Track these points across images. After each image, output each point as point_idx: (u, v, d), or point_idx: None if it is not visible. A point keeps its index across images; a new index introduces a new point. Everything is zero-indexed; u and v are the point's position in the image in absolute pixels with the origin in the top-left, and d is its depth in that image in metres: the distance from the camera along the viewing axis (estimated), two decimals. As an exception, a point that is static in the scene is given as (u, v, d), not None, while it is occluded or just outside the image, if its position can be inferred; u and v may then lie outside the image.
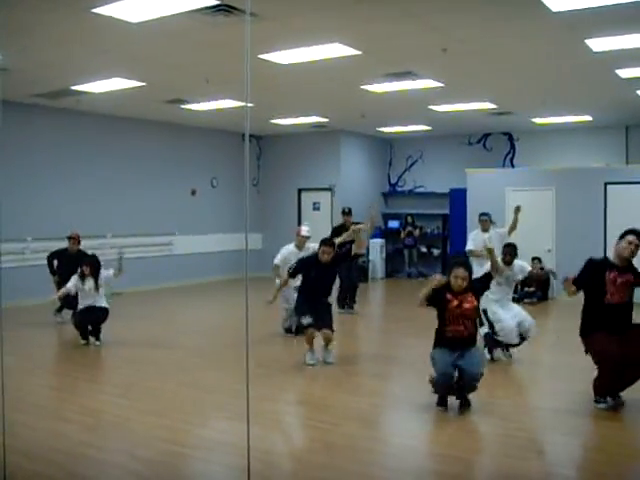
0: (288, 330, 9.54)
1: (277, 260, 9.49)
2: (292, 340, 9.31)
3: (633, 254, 5.89)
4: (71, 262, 9.85)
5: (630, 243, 5.88)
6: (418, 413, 6.17)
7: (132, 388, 6.96)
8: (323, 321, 7.84)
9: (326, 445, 5.40)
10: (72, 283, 9.12)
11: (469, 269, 6.17)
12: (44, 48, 8.30)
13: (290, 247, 9.59)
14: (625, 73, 9.54)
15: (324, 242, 8.00)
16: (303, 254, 9.13)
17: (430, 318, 8.17)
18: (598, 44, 7.94)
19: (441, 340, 6.13)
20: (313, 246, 9.21)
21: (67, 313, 10.48)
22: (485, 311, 7.84)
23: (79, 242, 10.60)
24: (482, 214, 10.86)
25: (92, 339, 9.06)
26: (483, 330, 7.80)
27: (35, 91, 11.13)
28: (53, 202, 11.80)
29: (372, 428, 5.89)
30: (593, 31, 7.47)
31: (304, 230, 9.70)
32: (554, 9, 6.54)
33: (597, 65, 9.06)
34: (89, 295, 9.09)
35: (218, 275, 16.14)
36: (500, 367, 7.74)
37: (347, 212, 11.85)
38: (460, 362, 5.97)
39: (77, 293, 9.20)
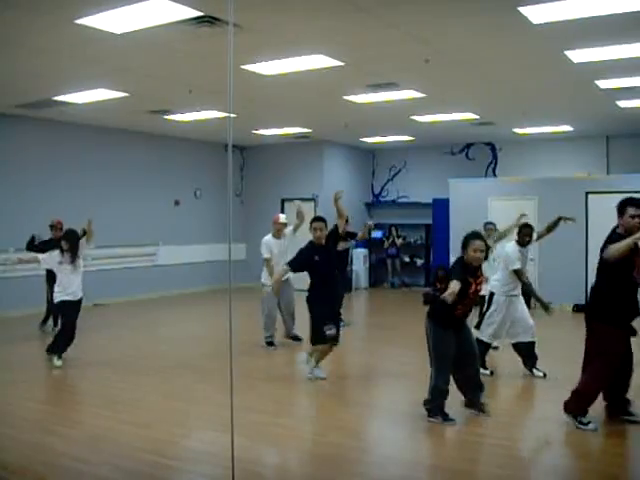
0: (270, 344, 9.53)
1: (264, 253, 9.53)
2: (275, 351, 9.34)
3: None
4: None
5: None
6: (403, 423, 6.18)
7: (115, 399, 6.92)
8: (337, 329, 7.57)
9: (311, 456, 5.41)
10: (47, 254, 8.49)
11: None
12: (27, 59, 8.26)
13: (268, 237, 9.63)
14: (605, 84, 9.64)
15: (313, 219, 7.78)
16: (282, 242, 9.49)
17: (413, 327, 8.14)
18: (578, 55, 8.02)
19: (447, 320, 6.00)
20: (289, 230, 9.61)
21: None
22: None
23: (61, 229, 10.38)
24: (487, 223, 10.24)
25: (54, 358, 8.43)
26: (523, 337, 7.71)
27: (18, 102, 11.09)
28: (36, 212, 11.71)
29: (357, 439, 5.89)
30: (573, 42, 7.55)
31: (282, 217, 9.77)
32: (535, 21, 6.61)
33: (577, 76, 9.15)
34: (69, 278, 8.41)
35: (202, 285, 16.11)
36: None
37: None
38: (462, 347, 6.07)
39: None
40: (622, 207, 5.67)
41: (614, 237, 5.60)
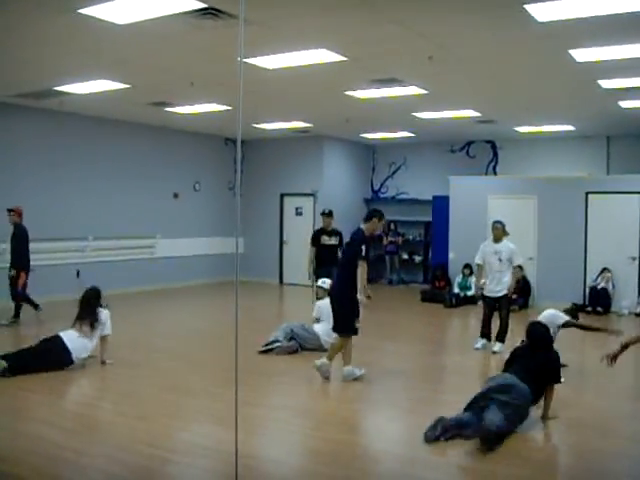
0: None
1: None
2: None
3: None
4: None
5: None
6: (399, 418, 6.18)
7: (113, 391, 6.92)
8: None
9: (309, 450, 5.40)
10: None
11: None
12: (28, 48, 8.22)
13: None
14: (607, 84, 9.62)
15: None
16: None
17: (410, 322, 8.13)
18: (582, 54, 7.99)
19: None
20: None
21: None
22: None
23: (20, 215, 10.65)
24: (495, 222, 9.60)
25: None
26: None
27: (17, 91, 11.04)
28: (34, 204, 11.64)
29: (354, 433, 5.90)
30: (577, 41, 7.52)
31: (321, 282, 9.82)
32: (539, 19, 6.58)
33: (580, 75, 9.13)
34: None
35: (200, 278, 16.12)
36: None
37: (327, 213, 11.39)
38: None
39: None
40: None
41: None
